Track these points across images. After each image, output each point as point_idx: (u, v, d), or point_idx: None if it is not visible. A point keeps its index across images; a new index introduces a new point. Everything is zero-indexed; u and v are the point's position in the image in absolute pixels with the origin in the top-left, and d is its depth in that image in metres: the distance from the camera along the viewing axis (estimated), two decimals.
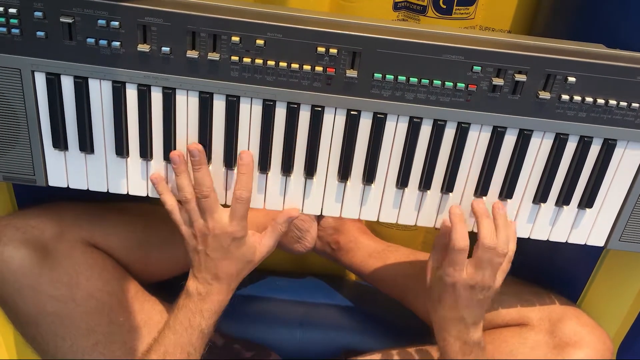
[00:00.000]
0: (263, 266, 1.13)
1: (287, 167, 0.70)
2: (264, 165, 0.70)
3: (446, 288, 0.70)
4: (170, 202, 0.70)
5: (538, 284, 0.86)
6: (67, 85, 0.65)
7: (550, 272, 0.87)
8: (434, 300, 0.73)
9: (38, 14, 0.60)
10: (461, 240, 0.68)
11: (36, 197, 0.79)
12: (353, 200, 0.73)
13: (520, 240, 0.75)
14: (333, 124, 0.68)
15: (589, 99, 0.65)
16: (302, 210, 0.74)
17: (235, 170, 0.70)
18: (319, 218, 1.02)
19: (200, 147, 0.67)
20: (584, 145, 0.68)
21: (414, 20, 0.90)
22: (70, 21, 0.61)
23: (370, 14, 0.89)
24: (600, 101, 0.65)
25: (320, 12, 0.69)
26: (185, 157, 0.68)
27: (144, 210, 0.87)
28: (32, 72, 0.64)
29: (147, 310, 0.82)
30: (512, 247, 0.71)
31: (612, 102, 0.65)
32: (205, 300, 0.71)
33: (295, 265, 1.17)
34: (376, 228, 1.08)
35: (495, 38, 0.67)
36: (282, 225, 0.72)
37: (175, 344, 0.71)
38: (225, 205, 0.71)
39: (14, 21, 0.61)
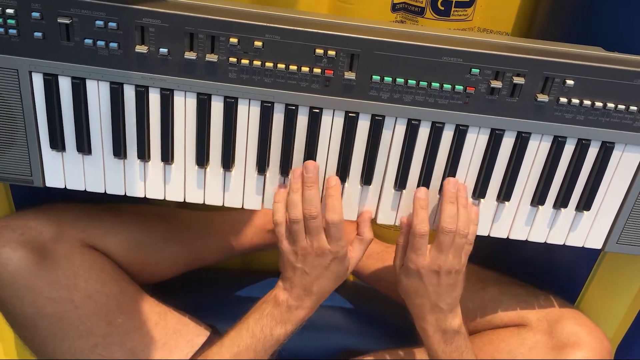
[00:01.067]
0: (263, 267, 1.14)
1: (285, 169, 0.70)
2: (262, 167, 0.70)
3: (412, 276, 0.71)
4: (281, 214, 0.70)
5: (536, 286, 0.86)
6: (65, 86, 0.65)
7: (548, 273, 0.87)
8: (405, 292, 0.73)
9: (35, 14, 0.60)
10: (422, 225, 0.68)
11: (34, 198, 0.79)
12: (351, 202, 0.73)
13: (518, 242, 0.75)
14: (331, 126, 0.68)
15: (587, 102, 0.65)
16: None
17: (233, 172, 0.70)
18: None
19: (317, 164, 0.68)
20: (581, 148, 0.68)
21: (412, 21, 0.90)
22: (68, 22, 0.61)
23: (368, 15, 0.89)
24: (599, 104, 0.65)
25: (318, 14, 0.69)
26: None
27: (142, 211, 0.86)
28: (30, 72, 0.64)
29: (145, 311, 0.82)
30: (472, 230, 0.71)
31: (610, 105, 0.65)
32: (292, 312, 0.73)
33: None
34: (375, 229, 1.08)
35: (493, 40, 0.67)
36: (367, 233, 0.73)
37: (250, 347, 0.72)
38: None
39: (11, 22, 0.60)
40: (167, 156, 0.69)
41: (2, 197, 0.78)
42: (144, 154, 0.69)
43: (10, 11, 0.60)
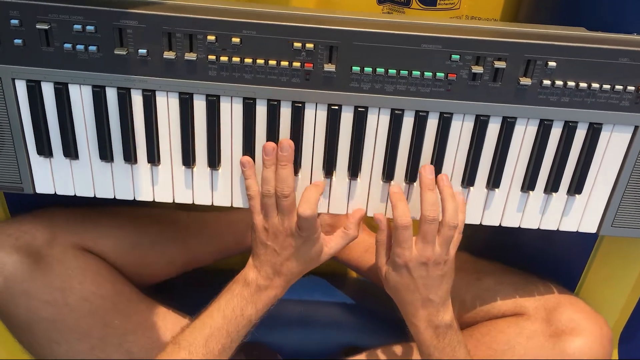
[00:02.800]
0: None
1: None
2: None
3: (400, 272, 0.70)
4: (254, 189, 0.69)
5: (534, 273, 0.85)
6: (48, 91, 0.66)
7: (546, 262, 0.86)
8: (394, 290, 0.72)
9: (14, 21, 0.61)
10: (403, 217, 0.67)
11: (28, 203, 0.80)
12: (340, 195, 0.72)
13: (514, 230, 0.74)
14: (315, 120, 0.68)
15: (571, 83, 0.64)
16: None
17: (220, 171, 0.70)
18: None
19: (291, 143, 0.67)
20: (569, 130, 0.67)
21: (399, 12, 0.89)
22: (47, 27, 0.61)
23: (355, 8, 0.88)
24: (583, 85, 0.64)
25: (299, 8, 0.69)
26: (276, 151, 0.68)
27: (136, 213, 0.87)
28: (13, 79, 0.64)
29: (142, 311, 0.83)
30: (461, 218, 0.69)
31: (595, 85, 0.64)
32: (262, 292, 0.71)
33: None
34: (372, 223, 1.07)
35: (474, 26, 0.67)
36: (352, 230, 0.72)
37: (222, 328, 0.70)
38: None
39: None
40: (153, 157, 0.69)
41: None
42: (130, 157, 0.69)
43: None
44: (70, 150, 0.69)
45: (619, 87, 0.64)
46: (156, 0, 0.64)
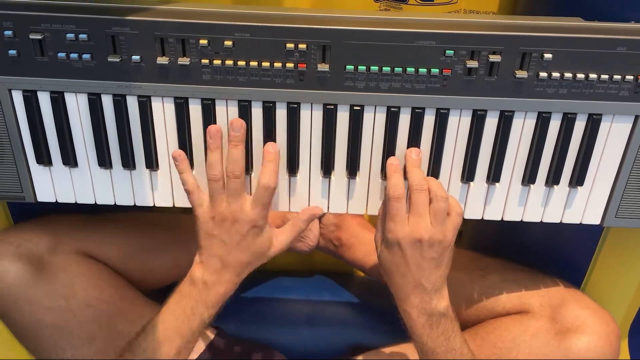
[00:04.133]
0: (270, 266, 1.14)
1: None
2: (247, 166, 0.70)
3: (393, 249, 0.66)
4: (191, 182, 0.68)
5: (539, 270, 0.84)
6: (44, 101, 0.66)
7: (550, 257, 0.85)
8: (386, 270, 0.69)
9: (8, 32, 0.61)
10: (396, 187, 0.65)
11: (31, 211, 0.81)
12: (339, 194, 0.72)
13: (518, 226, 0.74)
14: (311, 120, 0.68)
15: (568, 75, 0.63)
16: (289, 209, 0.73)
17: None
18: (320, 216, 1.02)
19: (243, 123, 0.65)
20: (567, 122, 0.66)
21: (396, 9, 0.89)
22: (40, 37, 0.62)
23: (351, 6, 0.88)
24: (580, 76, 0.63)
25: (291, 8, 0.68)
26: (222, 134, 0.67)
27: (139, 218, 0.88)
28: (9, 90, 0.65)
29: (147, 316, 0.82)
30: (452, 200, 0.67)
31: (593, 75, 0.63)
32: (210, 289, 0.69)
33: (302, 264, 1.16)
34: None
35: (467, 20, 0.66)
36: (303, 223, 0.71)
37: (175, 328, 0.69)
38: None
39: None
40: (151, 163, 0.70)
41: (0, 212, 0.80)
42: (128, 163, 0.69)
43: None
44: (69, 159, 0.69)
45: (617, 77, 0.63)
46: (147, 6, 0.64)
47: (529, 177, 0.69)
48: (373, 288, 1.10)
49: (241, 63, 0.64)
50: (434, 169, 0.70)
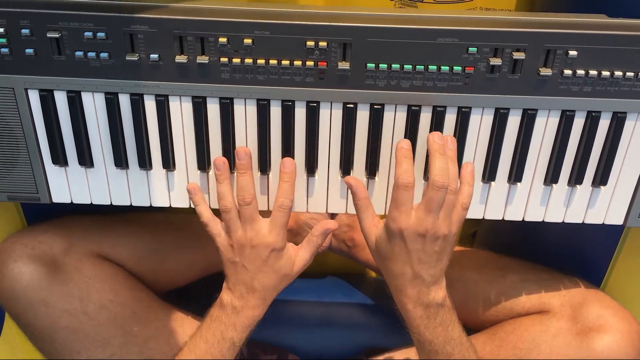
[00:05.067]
0: None
1: None
2: (264, 166, 0.69)
3: (394, 240, 0.63)
4: (207, 214, 0.69)
5: (558, 269, 0.83)
6: (61, 100, 0.65)
7: (570, 256, 0.84)
8: (382, 258, 0.66)
9: (25, 31, 0.60)
10: (405, 175, 0.61)
11: (45, 212, 0.80)
12: None
13: (537, 226, 0.73)
14: (330, 119, 0.67)
15: (593, 72, 0.62)
16: (307, 209, 0.73)
17: (236, 174, 0.69)
18: (333, 216, 1.01)
19: (248, 150, 0.66)
20: (592, 120, 0.65)
21: (412, 7, 0.88)
22: (58, 36, 0.61)
23: (367, 4, 0.87)
24: (605, 73, 0.62)
25: (309, 6, 0.67)
26: (227, 164, 0.67)
27: (153, 219, 0.87)
28: (26, 90, 0.64)
29: (162, 318, 0.82)
30: (467, 191, 0.64)
31: (618, 73, 0.62)
32: (239, 314, 0.70)
33: (314, 266, 1.15)
34: None
35: (489, 17, 0.65)
36: (318, 238, 0.70)
37: (207, 353, 0.70)
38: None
39: (2, 40, 0.61)
40: (168, 163, 0.69)
41: (13, 213, 0.79)
42: (145, 163, 0.68)
43: (0, 30, 0.60)
44: (85, 159, 0.68)
45: None
46: (166, 4, 0.63)
47: (552, 177, 0.68)
48: (386, 289, 1.09)
49: (261, 61, 0.63)
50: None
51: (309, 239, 0.71)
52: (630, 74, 0.62)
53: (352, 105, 0.65)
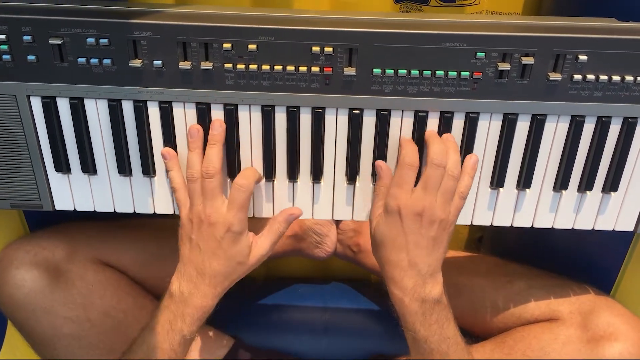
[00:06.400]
0: (287, 274, 1.12)
1: (292, 173, 0.68)
2: (269, 172, 0.68)
3: (392, 218, 0.63)
4: (178, 180, 0.66)
5: (567, 276, 0.82)
6: (64, 107, 0.64)
7: (579, 263, 0.83)
8: (380, 245, 0.65)
9: (27, 37, 0.60)
10: (411, 155, 0.63)
11: (47, 219, 0.79)
12: (364, 202, 0.70)
13: (545, 232, 0.72)
14: (336, 125, 0.66)
15: (604, 77, 0.61)
16: (312, 216, 0.72)
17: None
18: (338, 221, 1.00)
19: (223, 122, 0.64)
20: (602, 126, 0.64)
21: (417, 10, 0.87)
22: (60, 42, 0.60)
23: (371, 8, 0.86)
24: (616, 78, 0.61)
25: (314, 11, 0.67)
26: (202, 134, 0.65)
27: (155, 225, 0.86)
28: (28, 96, 0.63)
29: None
30: (466, 182, 0.64)
31: (629, 78, 0.61)
32: (187, 303, 0.66)
33: (319, 272, 1.15)
34: None
35: (497, 21, 0.64)
36: (280, 225, 0.67)
37: (156, 347, 0.65)
38: None
39: (4, 47, 0.60)
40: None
41: (16, 219, 0.79)
42: (148, 170, 0.68)
43: (1, 37, 0.60)
44: (88, 166, 0.67)
45: None
46: (169, 10, 0.63)
47: (561, 183, 0.67)
48: (384, 286, 1.09)
49: (265, 67, 0.62)
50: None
51: (271, 225, 0.67)
52: None
53: (358, 111, 0.65)
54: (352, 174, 0.68)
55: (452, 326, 0.67)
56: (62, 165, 0.67)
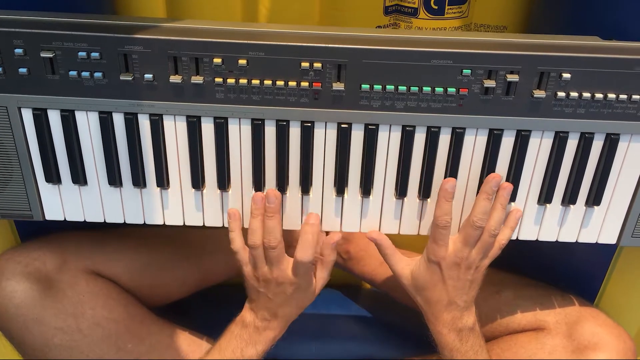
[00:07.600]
0: None
1: (282, 185, 0.69)
2: (259, 185, 0.69)
3: (432, 268, 0.69)
4: (239, 242, 0.70)
5: (553, 286, 0.83)
6: (55, 119, 0.65)
7: (564, 272, 0.84)
8: (419, 289, 0.71)
9: (19, 50, 0.60)
10: (445, 216, 0.67)
11: (38, 229, 0.79)
12: (352, 213, 0.71)
13: (531, 243, 0.73)
14: (324, 139, 0.67)
15: (587, 95, 0.62)
16: (300, 227, 0.72)
17: (230, 192, 0.69)
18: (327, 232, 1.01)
19: (278, 194, 0.68)
20: (585, 142, 0.65)
21: (406, 23, 0.88)
22: (51, 55, 0.60)
23: (361, 20, 0.87)
24: (599, 96, 0.62)
25: (303, 27, 0.67)
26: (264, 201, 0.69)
27: (147, 234, 0.86)
28: (19, 108, 0.64)
29: (156, 334, 0.82)
30: (506, 234, 0.69)
31: (611, 95, 0.62)
32: (260, 334, 0.73)
33: None
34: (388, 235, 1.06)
35: (484, 39, 0.65)
36: (329, 255, 0.73)
37: None
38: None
39: None
40: (162, 181, 0.69)
41: (7, 230, 0.79)
42: (139, 181, 0.68)
43: None
44: (79, 177, 0.68)
45: (635, 97, 0.62)
46: (160, 24, 0.63)
47: (545, 197, 0.68)
48: (381, 300, 1.10)
49: (255, 82, 0.63)
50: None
51: (322, 261, 0.73)
52: (623, 97, 0.62)
53: (346, 126, 0.66)
54: (340, 186, 0.69)
55: (485, 352, 0.74)
56: (53, 176, 0.68)
